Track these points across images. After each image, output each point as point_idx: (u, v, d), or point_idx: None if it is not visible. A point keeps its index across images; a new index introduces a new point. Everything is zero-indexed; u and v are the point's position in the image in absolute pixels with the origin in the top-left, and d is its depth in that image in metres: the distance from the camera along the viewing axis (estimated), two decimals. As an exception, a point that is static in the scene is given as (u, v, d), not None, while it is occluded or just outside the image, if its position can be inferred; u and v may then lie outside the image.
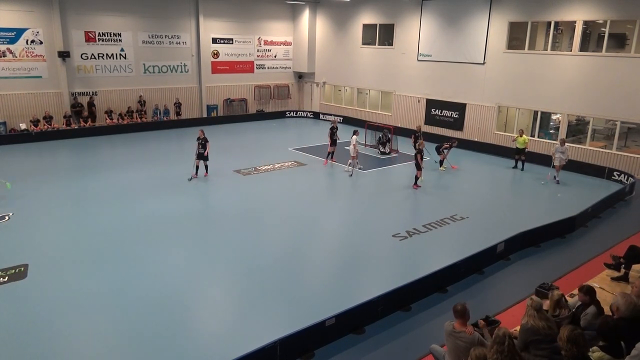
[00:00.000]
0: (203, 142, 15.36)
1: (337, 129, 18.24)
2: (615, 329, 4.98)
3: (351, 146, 16.70)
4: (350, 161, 16.83)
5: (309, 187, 15.45)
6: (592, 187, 15.80)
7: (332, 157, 18.11)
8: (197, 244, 10.90)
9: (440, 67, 22.96)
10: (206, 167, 15.74)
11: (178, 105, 25.58)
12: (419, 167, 15.07)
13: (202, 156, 15.44)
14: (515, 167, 17.97)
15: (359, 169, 17.18)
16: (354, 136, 16.85)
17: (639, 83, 16.74)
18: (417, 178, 15.23)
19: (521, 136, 17.46)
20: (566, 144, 16.29)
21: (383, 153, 20.06)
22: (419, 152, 15.01)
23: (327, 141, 18.21)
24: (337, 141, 18.18)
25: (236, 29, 27.30)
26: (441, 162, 17.87)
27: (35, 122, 21.27)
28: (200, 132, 15.51)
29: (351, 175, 16.50)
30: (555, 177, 16.23)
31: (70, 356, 6.94)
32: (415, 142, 17.33)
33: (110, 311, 7.99)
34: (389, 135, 20.33)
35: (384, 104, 26.44)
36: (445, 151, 17.87)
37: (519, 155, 17.71)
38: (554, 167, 16.15)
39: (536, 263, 10.17)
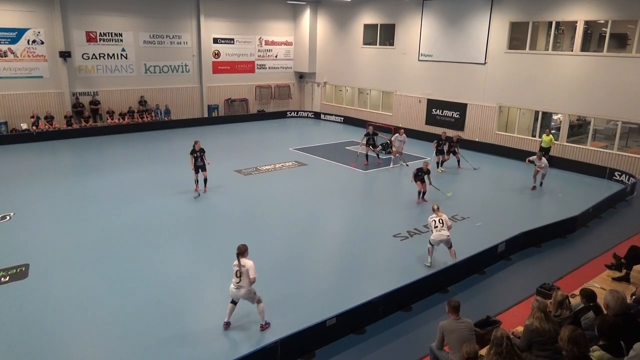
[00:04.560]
0: (201, 154, 13.85)
1: (371, 135, 18.05)
2: (615, 327, 4.97)
3: (396, 142, 18.05)
4: (399, 156, 18.25)
5: (310, 187, 15.44)
6: (593, 188, 15.77)
7: (367, 160, 18.24)
8: (197, 243, 10.93)
9: (441, 67, 22.94)
10: (205, 180, 14.18)
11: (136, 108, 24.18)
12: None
13: (204, 167, 14.01)
14: None
15: (401, 164, 18.09)
16: (396, 134, 18.12)
17: (640, 83, 16.75)
18: (422, 193, 14.13)
19: (548, 135, 17.72)
20: (543, 158, 15.22)
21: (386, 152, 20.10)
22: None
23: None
24: (375, 145, 18.30)
25: (237, 29, 27.30)
26: (458, 162, 17.83)
27: (36, 120, 21.23)
28: (198, 144, 13.84)
29: (407, 165, 17.87)
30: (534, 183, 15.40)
31: (71, 356, 6.96)
32: (450, 149, 17.48)
33: (111, 311, 8.00)
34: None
35: (384, 104, 26.42)
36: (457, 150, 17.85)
37: (544, 155, 17.86)
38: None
39: (537, 263, 10.16)
